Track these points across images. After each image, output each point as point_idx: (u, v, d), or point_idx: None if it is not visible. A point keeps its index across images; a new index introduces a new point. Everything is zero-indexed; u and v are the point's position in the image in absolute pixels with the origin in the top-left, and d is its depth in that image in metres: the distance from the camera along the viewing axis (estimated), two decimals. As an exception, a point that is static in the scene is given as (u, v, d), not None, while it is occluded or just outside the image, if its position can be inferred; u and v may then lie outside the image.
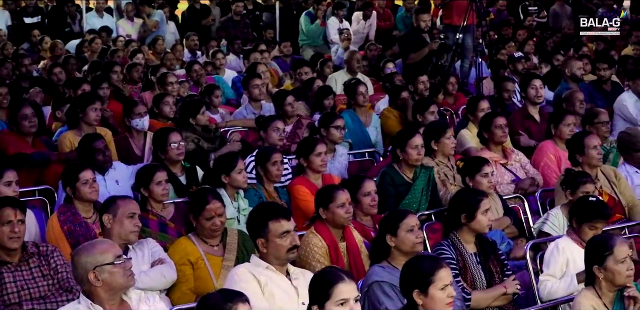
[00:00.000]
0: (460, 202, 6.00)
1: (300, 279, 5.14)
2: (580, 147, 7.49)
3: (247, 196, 7.02)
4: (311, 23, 16.09)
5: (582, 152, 7.48)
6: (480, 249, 5.93)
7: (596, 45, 15.30)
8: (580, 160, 7.50)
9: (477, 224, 5.88)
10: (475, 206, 5.88)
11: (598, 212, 6.08)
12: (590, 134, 7.78)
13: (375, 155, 9.17)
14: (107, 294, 4.59)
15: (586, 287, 5.27)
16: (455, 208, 5.99)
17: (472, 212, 5.88)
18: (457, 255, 5.82)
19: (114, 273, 4.57)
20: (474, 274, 5.81)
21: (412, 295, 4.67)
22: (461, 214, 5.90)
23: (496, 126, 8.13)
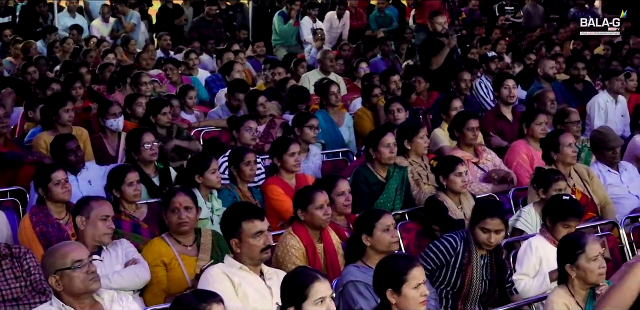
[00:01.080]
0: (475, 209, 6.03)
1: (274, 279, 5.13)
2: (556, 145, 7.53)
3: (220, 196, 7.00)
4: (284, 23, 16.08)
5: (557, 150, 7.52)
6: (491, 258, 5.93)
7: (575, 45, 15.38)
8: (555, 158, 7.54)
9: (474, 234, 5.86)
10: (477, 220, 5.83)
11: (571, 210, 6.11)
12: (566, 132, 7.83)
13: (349, 155, 9.18)
14: (71, 297, 4.59)
15: (559, 286, 5.29)
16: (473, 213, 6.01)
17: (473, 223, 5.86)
18: (466, 251, 5.84)
19: (72, 278, 4.56)
20: (475, 274, 5.83)
21: (385, 295, 4.68)
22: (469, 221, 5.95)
23: (468, 128, 8.15)
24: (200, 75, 12.25)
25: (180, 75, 11.84)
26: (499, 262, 5.95)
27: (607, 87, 10.47)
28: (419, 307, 4.69)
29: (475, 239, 5.86)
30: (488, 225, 5.78)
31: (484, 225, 5.79)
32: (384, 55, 14.56)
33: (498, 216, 5.84)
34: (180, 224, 5.89)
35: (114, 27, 16.30)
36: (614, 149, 8.00)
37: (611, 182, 7.89)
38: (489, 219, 5.78)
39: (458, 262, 5.85)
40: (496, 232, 5.81)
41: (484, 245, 5.85)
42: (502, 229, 5.86)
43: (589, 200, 7.48)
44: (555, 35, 16.84)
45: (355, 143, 9.71)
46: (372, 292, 5.20)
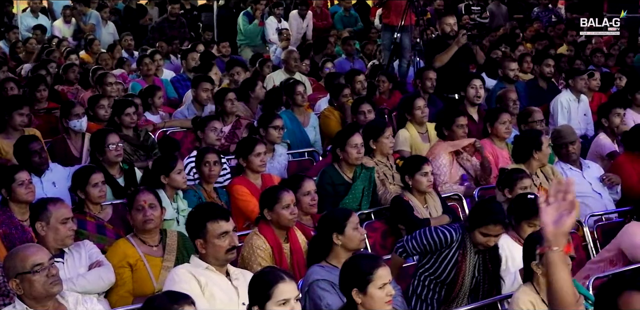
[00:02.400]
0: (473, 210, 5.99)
1: (240, 279, 5.12)
2: (538, 144, 7.55)
3: (186, 197, 6.99)
4: (249, 23, 16.05)
5: (540, 149, 7.55)
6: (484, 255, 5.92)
7: (537, 45, 15.47)
8: (536, 156, 7.55)
9: (473, 236, 5.83)
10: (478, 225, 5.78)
11: (536, 209, 6.10)
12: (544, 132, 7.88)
13: (314, 155, 9.18)
14: (33, 300, 4.56)
15: (524, 283, 5.32)
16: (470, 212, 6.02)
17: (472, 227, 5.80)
18: (461, 247, 5.82)
19: (33, 282, 4.54)
20: (467, 271, 5.83)
21: (351, 294, 4.68)
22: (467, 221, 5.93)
23: (458, 125, 8.17)
24: (164, 76, 12.20)
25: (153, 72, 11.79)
26: (493, 258, 5.96)
27: (570, 86, 10.53)
28: (385, 306, 4.70)
29: (472, 240, 5.83)
30: (490, 231, 5.74)
31: (486, 230, 5.74)
32: (348, 55, 14.57)
33: (500, 223, 5.78)
34: (145, 221, 5.87)
35: (76, 28, 16.20)
36: (569, 144, 8.04)
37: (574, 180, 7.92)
38: (492, 225, 5.73)
39: (453, 257, 5.83)
40: (496, 236, 5.79)
41: (480, 247, 5.84)
42: (502, 233, 5.84)
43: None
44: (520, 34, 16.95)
45: (321, 143, 9.71)
46: (337, 290, 5.21)
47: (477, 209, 5.92)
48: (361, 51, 15.33)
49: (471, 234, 5.82)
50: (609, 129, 8.93)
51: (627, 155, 8.23)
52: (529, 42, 16.21)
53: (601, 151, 8.79)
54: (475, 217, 5.82)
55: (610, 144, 8.82)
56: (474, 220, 5.80)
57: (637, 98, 9.92)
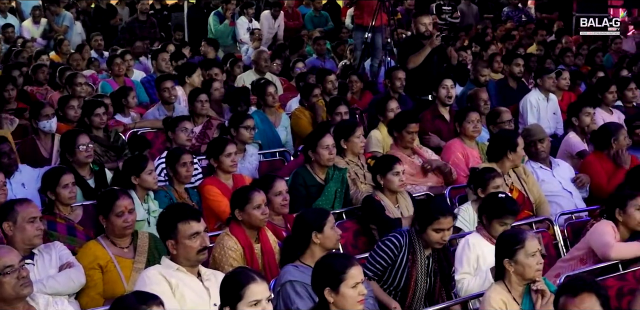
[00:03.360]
0: (420, 210, 6.04)
1: (211, 280, 5.11)
2: (514, 145, 7.57)
3: (157, 198, 6.96)
4: (220, 23, 16.01)
5: (515, 150, 7.58)
6: (438, 257, 5.96)
7: (506, 45, 15.53)
8: (510, 157, 7.57)
9: (426, 236, 5.87)
10: (429, 222, 5.83)
11: (507, 208, 6.16)
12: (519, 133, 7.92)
13: (286, 155, 9.17)
14: (3, 302, 4.53)
15: (496, 282, 5.34)
16: (416, 211, 6.07)
17: (424, 226, 5.86)
18: (410, 252, 5.85)
19: (3, 283, 4.52)
20: (419, 276, 5.86)
21: (323, 293, 4.68)
22: (415, 221, 5.96)
23: (408, 131, 8.18)
24: (135, 77, 12.14)
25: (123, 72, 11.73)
26: (447, 257, 6.01)
27: (539, 86, 10.59)
28: (357, 306, 4.71)
29: (426, 240, 5.85)
30: (442, 224, 5.79)
31: (438, 225, 5.78)
32: (319, 55, 14.57)
33: (450, 213, 5.88)
34: (126, 227, 5.83)
35: (45, 28, 16.09)
36: (538, 142, 8.08)
37: (544, 179, 7.97)
38: (442, 218, 5.79)
39: (403, 262, 5.86)
40: (448, 230, 5.85)
41: (437, 245, 5.86)
42: (453, 225, 5.92)
43: (526, 199, 7.55)
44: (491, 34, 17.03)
45: (292, 143, 9.71)
46: (310, 292, 5.21)
47: (422, 209, 5.99)
48: (332, 51, 15.32)
49: (423, 236, 5.86)
50: (578, 128, 8.98)
51: (596, 154, 8.28)
52: (500, 41, 16.27)
53: (571, 150, 8.84)
54: (423, 216, 5.86)
55: (580, 143, 8.87)
56: (422, 220, 5.84)
57: (607, 97, 9.98)
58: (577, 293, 4.26)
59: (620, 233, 6.35)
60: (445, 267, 5.99)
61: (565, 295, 4.30)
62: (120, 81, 11.44)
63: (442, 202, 6.16)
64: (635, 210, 6.34)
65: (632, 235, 6.39)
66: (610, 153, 8.14)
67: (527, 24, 18.11)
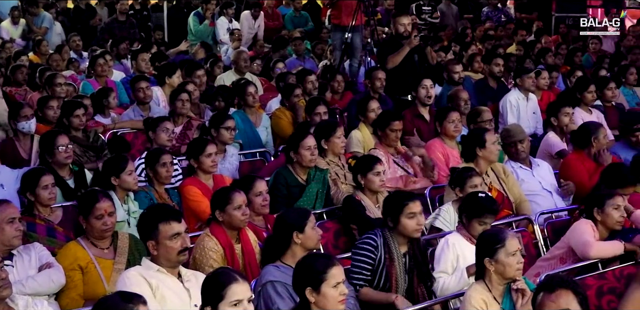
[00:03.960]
0: (386, 204, 6.08)
1: (192, 281, 5.10)
2: (482, 142, 7.59)
3: (137, 198, 6.94)
4: (200, 23, 15.98)
5: (484, 146, 7.59)
6: (412, 253, 5.98)
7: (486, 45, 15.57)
8: (480, 154, 7.59)
9: (402, 227, 5.92)
10: (399, 210, 5.90)
11: (487, 207, 6.18)
12: (490, 130, 7.93)
13: (266, 155, 9.17)
14: None
15: (476, 281, 5.35)
16: (384, 209, 6.08)
17: (396, 216, 5.92)
18: (386, 252, 5.87)
19: None
20: (399, 273, 5.86)
21: (304, 293, 4.68)
22: (386, 218, 5.98)
23: (392, 129, 8.21)
24: (114, 77, 12.11)
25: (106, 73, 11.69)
26: (421, 251, 6.03)
27: (518, 85, 10.63)
28: (338, 306, 4.71)
29: (403, 232, 5.90)
30: (413, 208, 5.88)
31: (410, 210, 5.87)
32: (298, 55, 14.57)
33: (416, 197, 6.02)
34: (105, 230, 5.81)
35: (24, 29, 16.02)
36: (518, 142, 8.10)
37: (524, 178, 7.99)
38: (410, 203, 5.90)
39: (382, 262, 5.88)
40: (420, 214, 5.92)
41: (415, 233, 5.91)
42: (422, 210, 6.00)
43: (505, 198, 7.57)
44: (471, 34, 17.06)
45: (273, 143, 9.71)
46: (291, 292, 5.21)
47: (389, 202, 6.05)
48: (311, 51, 15.32)
49: (399, 229, 5.90)
50: (558, 127, 9.01)
51: (576, 154, 8.30)
52: (479, 41, 16.31)
53: (550, 150, 8.87)
54: (392, 208, 5.94)
55: (559, 143, 8.90)
56: (393, 212, 5.91)
57: (586, 97, 10.01)
58: (554, 289, 4.29)
59: (599, 232, 6.38)
60: (421, 263, 6.01)
61: (543, 292, 4.33)
62: (102, 82, 11.41)
63: (405, 192, 6.27)
64: (614, 210, 6.38)
65: (611, 234, 6.42)
66: (591, 152, 8.17)
67: (507, 24, 18.16)
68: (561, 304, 4.26)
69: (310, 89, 10.47)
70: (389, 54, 10.70)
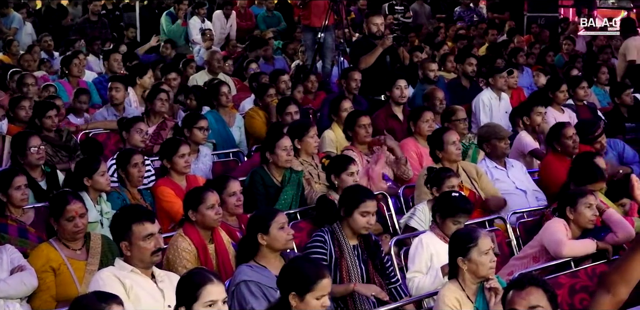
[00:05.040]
0: (345, 196, 6.12)
1: (166, 282, 5.09)
2: (440, 143, 7.64)
3: (109, 199, 6.91)
4: (172, 23, 15.93)
5: (442, 148, 7.63)
6: (364, 244, 6.02)
7: (459, 44, 15.63)
8: (440, 156, 7.65)
9: (352, 221, 5.96)
10: (355, 205, 5.95)
11: (460, 206, 6.20)
12: (449, 130, 7.93)
13: (240, 155, 9.15)
14: None
15: (450, 280, 5.37)
16: (342, 198, 6.14)
17: (350, 209, 5.95)
18: (335, 245, 5.90)
19: None
20: (350, 265, 5.88)
21: (287, 294, 4.66)
22: (341, 208, 6.02)
23: (360, 126, 8.23)
24: (87, 77, 12.05)
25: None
26: (371, 244, 6.08)
27: (490, 85, 10.67)
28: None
29: (352, 226, 5.97)
30: (368, 207, 5.94)
31: (365, 208, 5.94)
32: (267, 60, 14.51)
33: (374, 197, 6.10)
34: (77, 232, 5.78)
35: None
36: (504, 138, 8.14)
37: (498, 178, 8.01)
38: (368, 201, 5.97)
39: (332, 256, 5.92)
40: (373, 214, 5.99)
41: (363, 230, 5.98)
42: (376, 210, 6.07)
43: (477, 198, 7.59)
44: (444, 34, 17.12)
45: (246, 143, 9.69)
46: (265, 292, 5.23)
47: (347, 194, 6.12)
48: (282, 51, 15.30)
49: (349, 222, 5.97)
50: (530, 127, 9.04)
51: (553, 154, 8.27)
52: (452, 41, 16.36)
53: (523, 149, 8.90)
54: (349, 201, 6.00)
55: (532, 142, 8.93)
56: (349, 204, 5.98)
57: (558, 96, 10.05)
58: (524, 287, 4.31)
59: (571, 231, 6.41)
60: (376, 254, 6.04)
61: (513, 290, 4.35)
62: (75, 82, 11.35)
63: (366, 188, 6.32)
64: (586, 208, 6.41)
65: (583, 232, 6.46)
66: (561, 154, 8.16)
67: (479, 23, 18.23)
68: (531, 301, 4.28)
69: (283, 88, 10.47)
70: (361, 54, 10.71)
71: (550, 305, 4.30)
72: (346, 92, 10.16)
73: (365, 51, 10.68)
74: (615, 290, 4.48)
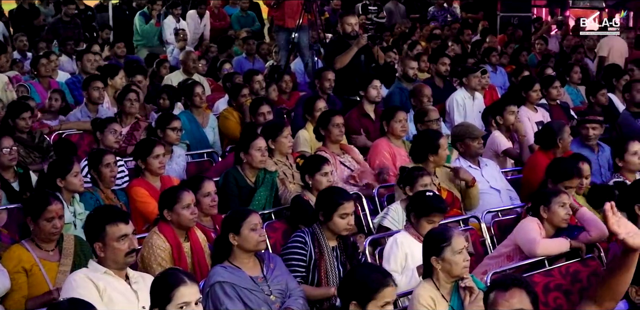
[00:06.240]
0: (322, 200, 6.12)
1: (140, 283, 5.07)
2: (435, 147, 7.59)
3: (83, 200, 6.88)
4: (146, 23, 15.88)
5: (436, 153, 7.59)
6: (343, 246, 6.03)
7: (432, 44, 15.66)
8: (431, 159, 7.59)
9: (332, 224, 5.97)
10: (333, 208, 5.98)
11: (434, 206, 6.21)
12: (444, 136, 7.92)
13: (214, 156, 9.13)
14: None
15: (424, 280, 5.37)
16: (318, 203, 6.15)
17: (329, 213, 5.97)
18: (316, 246, 5.92)
19: None
20: (328, 266, 5.90)
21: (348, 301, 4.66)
22: (319, 212, 6.03)
23: (333, 125, 8.23)
24: (60, 78, 11.99)
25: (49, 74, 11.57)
26: (354, 245, 6.13)
27: (464, 84, 10.70)
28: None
29: (333, 229, 6.00)
30: (347, 209, 6.00)
31: (344, 210, 5.99)
32: (248, 55, 14.53)
33: (351, 198, 6.14)
34: (54, 233, 5.75)
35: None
36: (478, 138, 8.16)
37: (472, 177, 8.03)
38: (345, 203, 6.02)
39: (312, 257, 5.94)
40: (351, 214, 6.03)
41: (344, 231, 6.01)
42: (353, 210, 6.12)
43: (455, 198, 7.61)
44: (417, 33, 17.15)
45: (220, 144, 9.67)
46: (239, 293, 5.23)
47: (324, 198, 6.14)
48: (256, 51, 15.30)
49: (329, 225, 6.00)
50: (503, 126, 9.06)
51: (543, 153, 8.26)
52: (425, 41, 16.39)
53: (496, 148, 8.92)
54: (327, 205, 6.03)
55: (505, 142, 8.95)
56: (327, 208, 6.01)
57: (531, 95, 10.07)
58: (507, 288, 4.32)
59: (545, 230, 6.43)
60: (353, 256, 6.07)
61: (496, 290, 4.35)
62: (46, 83, 11.29)
63: (342, 190, 6.35)
64: (559, 207, 6.44)
65: (557, 231, 6.49)
66: (556, 152, 8.18)
67: (453, 23, 18.28)
68: (514, 303, 4.29)
69: (257, 89, 10.45)
70: (336, 54, 10.71)
71: (532, 308, 4.32)
72: (320, 92, 10.16)
73: (340, 51, 10.69)
74: (603, 303, 4.54)
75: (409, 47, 14.56)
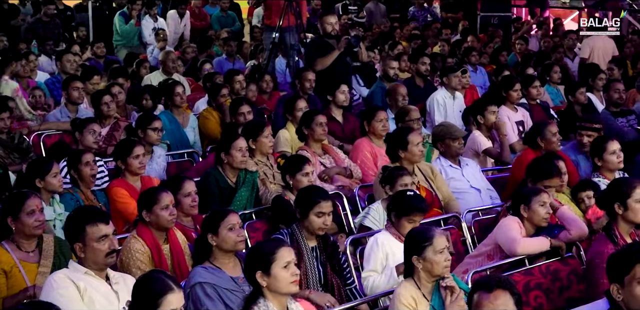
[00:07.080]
0: (300, 198, 6.14)
1: (120, 284, 5.05)
2: (404, 143, 7.60)
3: (63, 201, 6.85)
4: (125, 23, 15.84)
5: (405, 148, 7.60)
6: (323, 245, 6.03)
7: (413, 44, 15.68)
8: (402, 155, 7.62)
9: (308, 223, 5.97)
10: (310, 206, 5.98)
11: (415, 205, 6.21)
12: (414, 131, 7.94)
13: (194, 156, 9.12)
14: None
15: (405, 279, 5.38)
16: (296, 201, 6.16)
17: (305, 211, 5.97)
18: (295, 247, 5.86)
19: None
20: (308, 267, 5.89)
21: (255, 279, 4.71)
22: (296, 210, 6.03)
23: (317, 123, 8.23)
24: (39, 78, 11.94)
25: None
26: (333, 245, 6.11)
27: (445, 84, 10.72)
28: (291, 287, 4.78)
29: (309, 228, 6.00)
30: (323, 208, 5.97)
31: (320, 209, 5.97)
32: (228, 56, 14.51)
33: (329, 198, 6.11)
34: (37, 226, 5.71)
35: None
36: (458, 138, 8.17)
37: (453, 176, 8.04)
38: (322, 202, 5.99)
39: None
40: (328, 214, 6.01)
41: (320, 231, 6.00)
42: (332, 210, 6.11)
43: (434, 197, 7.61)
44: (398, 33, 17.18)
45: (201, 144, 9.66)
46: (220, 293, 5.21)
47: (302, 196, 6.15)
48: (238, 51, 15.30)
49: (305, 224, 6.01)
50: (484, 126, 9.08)
51: (533, 151, 8.26)
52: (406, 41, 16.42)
53: (477, 148, 8.95)
54: (304, 203, 6.04)
55: (485, 141, 8.98)
56: (304, 206, 6.01)
57: (512, 95, 10.08)
58: (491, 289, 4.32)
59: (525, 229, 6.44)
60: (333, 255, 6.07)
61: (480, 292, 4.35)
62: (24, 83, 11.24)
63: (321, 189, 6.33)
64: (540, 206, 6.44)
65: (537, 230, 6.50)
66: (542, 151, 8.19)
67: (433, 23, 18.32)
68: (498, 304, 4.29)
69: (237, 89, 10.44)
70: (317, 54, 10.71)
71: (516, 309, 4.33)
72: (300, 92, 10.15)
73: (321, 51, 10.69)
74: None
75: (389, 47, 14.59)
